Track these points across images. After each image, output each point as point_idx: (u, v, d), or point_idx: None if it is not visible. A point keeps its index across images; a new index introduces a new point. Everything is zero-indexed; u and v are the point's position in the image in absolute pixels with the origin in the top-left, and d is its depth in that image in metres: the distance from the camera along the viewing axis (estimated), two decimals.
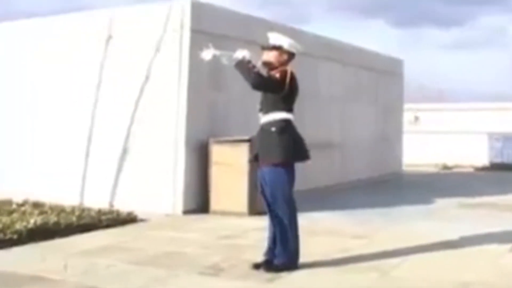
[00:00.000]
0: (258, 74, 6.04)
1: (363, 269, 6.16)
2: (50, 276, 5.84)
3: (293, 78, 6.10)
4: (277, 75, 6.07)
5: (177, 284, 5.73)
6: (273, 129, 6.02)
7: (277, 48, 6.17)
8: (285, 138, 6.02)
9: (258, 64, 6.19)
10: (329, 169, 13.17)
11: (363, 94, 15.04)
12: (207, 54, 6.24)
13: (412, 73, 22.30)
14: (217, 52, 6.20)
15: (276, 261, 6.04)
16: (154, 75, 9.88)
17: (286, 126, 6.05)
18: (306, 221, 6.36)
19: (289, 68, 6.15)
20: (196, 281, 5.81)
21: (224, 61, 6.22)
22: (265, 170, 6.10)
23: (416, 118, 22.94)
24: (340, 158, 13.83)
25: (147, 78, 9.88)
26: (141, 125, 9.91)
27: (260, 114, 6.18)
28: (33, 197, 9.86)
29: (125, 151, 9.99)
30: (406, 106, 18.36)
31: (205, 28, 9.75)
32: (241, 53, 6.09)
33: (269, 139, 6.04)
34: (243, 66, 6.06)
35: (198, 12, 9.91)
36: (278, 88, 6.02)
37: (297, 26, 12.43)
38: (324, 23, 55.42)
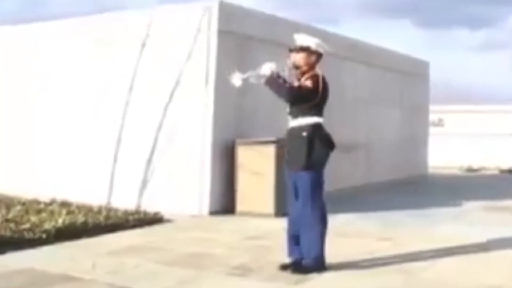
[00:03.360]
0: (291, 89, 6.02)
1: (390, 272, 6.16)
2: (80, 275, 5.90)
3: (324, 83, 6.07)
4: (309, 83, 6.01)
5: (206, 285, 5.75)
6: (304, 134, 5.99)
7: (305, 49, 6.13)
8: (316, 143, 5.99)
9: (286, 73, 6.16)
10: (355, 170, 13.15)
11: (389, 95, 14.97)
12: (237, 80, 6.15)
13: (438, 73, 22.17)
14: (244, 75, 6.14)
15: (304, 263, 6.04)
16: (183, 76, 9.89)
17: (317, 131, 6.03)
18: (332, 222, 6.34)
19: (320, 72, 6.11)
20: (224, 282, 5.83)
21: (253, 80, 6.15)
22: (297, 175, 6.06)
23: (440, 120, 22.82)
24: (366, 159, 13.80)
25: (176, 80, 9.91)
26: (169, 126, 9.93)
27: (290, 118, 6.14)
28: (60, 196, 9.94)
29: (152, 152, 10.01)
30: (431, 108, 18.24)
31: (233, 29, 9.78)
32: (268, 68, 6.05)
33: (300, 144, 6.00)
34: (273, 83, 6.04)
35: (226, 13, 9.91)
36: (312, 97, 5.99)
37: (325, 27, 12.41)
38: (352, 24, 55.08)
